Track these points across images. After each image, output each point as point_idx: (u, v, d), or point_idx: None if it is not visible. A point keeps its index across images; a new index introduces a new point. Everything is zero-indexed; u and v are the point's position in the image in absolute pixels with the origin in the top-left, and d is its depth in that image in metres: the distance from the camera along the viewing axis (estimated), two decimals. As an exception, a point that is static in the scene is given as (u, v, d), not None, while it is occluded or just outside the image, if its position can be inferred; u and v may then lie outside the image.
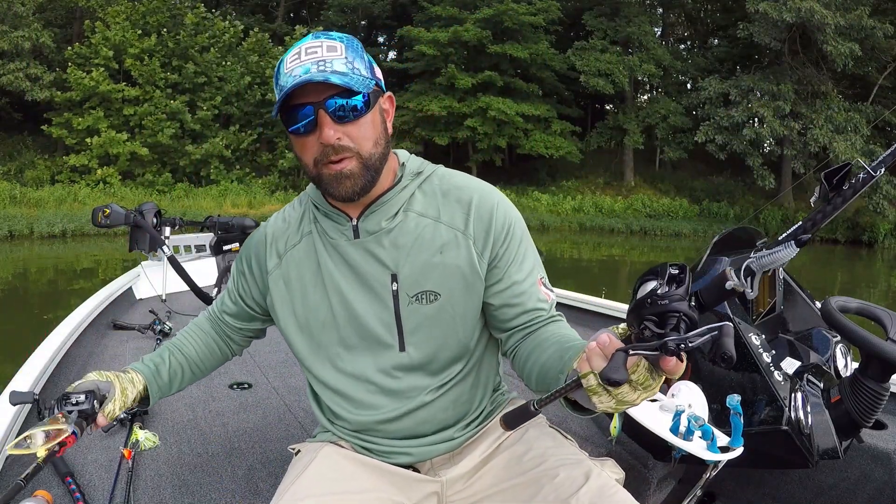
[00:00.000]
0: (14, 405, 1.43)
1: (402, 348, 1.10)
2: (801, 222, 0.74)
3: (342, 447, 1.17)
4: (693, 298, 0.79)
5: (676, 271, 0.84)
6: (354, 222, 1.10)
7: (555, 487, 1.02)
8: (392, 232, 1.09)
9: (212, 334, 1.34)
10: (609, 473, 1.10)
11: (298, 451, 1.21)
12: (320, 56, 0.98)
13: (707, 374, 1.61)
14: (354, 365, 1.13)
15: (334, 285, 1.11)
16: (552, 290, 1.16)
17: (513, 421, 0.82)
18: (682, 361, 0.74)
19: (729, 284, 0.73)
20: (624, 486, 1.06)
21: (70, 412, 1.00)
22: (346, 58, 0.99)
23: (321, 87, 0.96)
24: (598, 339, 0.79)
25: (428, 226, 1.09)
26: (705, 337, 0.71)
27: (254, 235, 1.25)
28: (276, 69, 1.03)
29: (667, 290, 0.81)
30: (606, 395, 0.77)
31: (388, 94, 1.10)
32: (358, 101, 0.98)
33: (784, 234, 0.76)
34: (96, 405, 1.04)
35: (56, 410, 1.00)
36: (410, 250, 1.08)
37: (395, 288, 1.08)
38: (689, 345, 0.71)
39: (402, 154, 1.15)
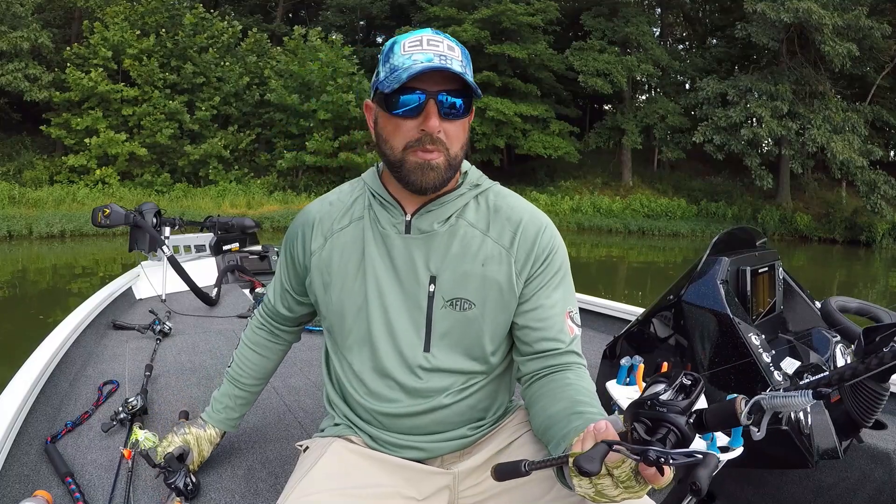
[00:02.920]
0: None
1: (426, 349, 1.11)
2: (827, 373, 0.71)
3: (351, 441, 1.17)
4: (695, 416, 0.77)
5: (689, 382, 0.81)
6: (408, 217, 1.12)
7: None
8: (442, 235, 1.11)
9: (264, 345, 1.42)
10: None
11: (307, 447, 1.22)
12: (442, 51, 1.00)
13: (707, 374, 1.61)
14: (378, 357, 1.13)
15: (374, 274, 1.12)
16: (579, 327, 1.17)
17: (504, 475, 0.82)
18: (661, 474, 0.74)
19: (742, 421, 0.72)
20: None
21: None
22: (461, 61, 1.02)
23: (437, 78, 1.00)
24: (596, 425, 0.81)
25: (476, 237, 1.12)
26: (688, 460, 0.70)
27: (298, 218, 1.26)
28: (386, 48, 1.05)
29: (671, 397, 0.79)
30: (586, 481, 0.78)
31: (474, 107, 1.13)
32: (463, 102, 1.03)
33: (806, 381, 0.73)
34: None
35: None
36: (455, 257, 1.10)
37: (431, 290, 1.10)
38: (671, 461, 0.70)
39: (465, 164, 1.17)
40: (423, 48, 1.00)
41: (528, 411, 1.13)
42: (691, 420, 0.75)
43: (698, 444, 1.37)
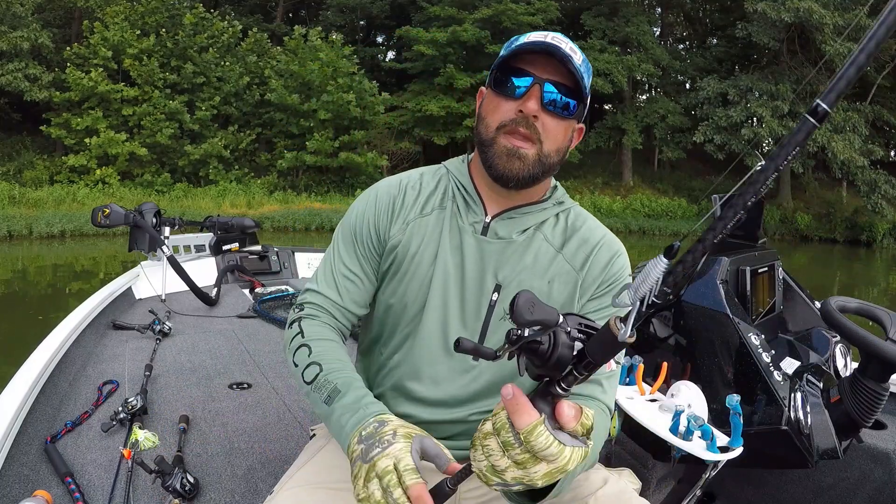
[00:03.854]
0: None
1: (475, 358, 1.03)
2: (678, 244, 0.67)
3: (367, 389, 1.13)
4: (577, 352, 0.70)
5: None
6: (488, 219, 1.08)
7: (573, 487, 1.02)
8: (517, 245, 1.08)
9: (341, 340, 1.11)
10: (627, 481, 1.11)
11: (314, 434, 1.21)
12: (563, 48, 0.98)
13: (707, 374, 1.61)
14: (421, 356, 1.08)
15: (444, 270, 1.07)
16: (619, 364, 1.11)
17: (468, 349, 0.73)
18: (527, 413, 0.67)
19: (621, 337, 0.65)
20: None
21: None
22: (580, 63, 1.00)
23: (550, 70, 0.98)
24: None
25: (549, 253, 1.09)
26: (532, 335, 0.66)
27: (370, 198, 1.14)
28: (508, 43, 1.05)
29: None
30: (479, 451, 0.72)
31: (581, 126, 1.10)
32: (569, 102, 1.00)
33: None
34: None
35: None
36: (524, 269, 1.07)
37: (494, 298, 1.06)
38: (522, 339, 0.66)
39: (553, 180, 1.16)
40: (545, 39, 0.99)
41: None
42: (575, 345, 0.67)
43: (698, 444, 1.37)
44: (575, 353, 0.67)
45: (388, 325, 1.12)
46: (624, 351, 1.04)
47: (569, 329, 0.68)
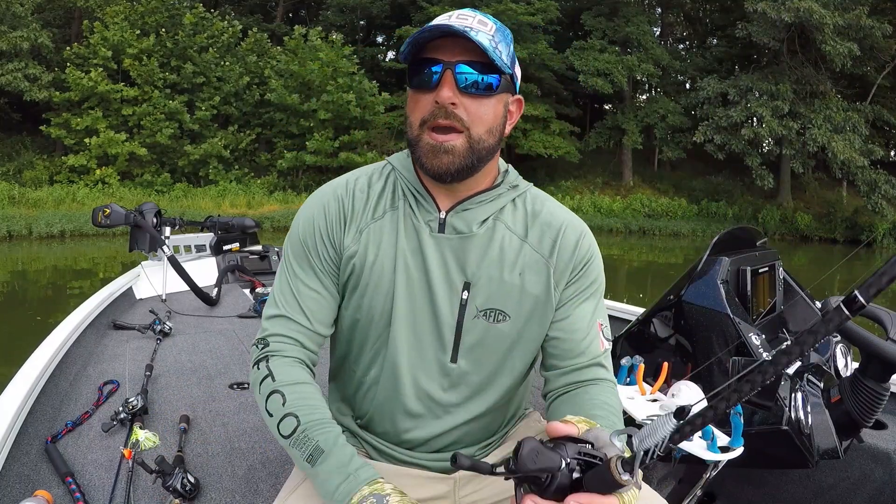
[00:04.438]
0: None
1: (453, 360, 1.02)
2: (686, 404, 0.70)
3: (360, 440, 1.11)
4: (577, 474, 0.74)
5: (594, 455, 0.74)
6: (443, 215, 1.02)
7: None
8: (478, 238, 1.02)
9: (309, 373, 1.04)
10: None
11: None
12: (469, 24, 0.92)
13: (707, 374, 1.61)
14: (397, 370, 1.02)
15: (406, 274, 1.01)
16: (609, 341, 1.09)
17: (465, 465, 0.72)
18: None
19: (620, 481, 0.68)
20: None
21: None
22: (492, 36, 0.93)
23: (458, 51, 0.92)
24: (555, 422, 0.78)
25: (514, 243, 1.03)
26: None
27: (317, 206, 1.05)
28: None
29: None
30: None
31: (519, 96, 1.04)
32: (488, 79, 0.93)
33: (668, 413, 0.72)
34: None
35: None
36: (491, 263, 1.01)
37: (464, 297, 1.01)
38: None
39: (503, 163, 1.09)
40: (449, 20, 0.93)
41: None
42: (573, 475, 0.71)
43: (699, 444, 1.37)
44: (573, 480, 0.71)
45: (356, 340, 1.06)
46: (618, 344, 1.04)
47: (568, 460, 0.72)
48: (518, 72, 1.01)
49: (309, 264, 1.04)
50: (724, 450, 1.38)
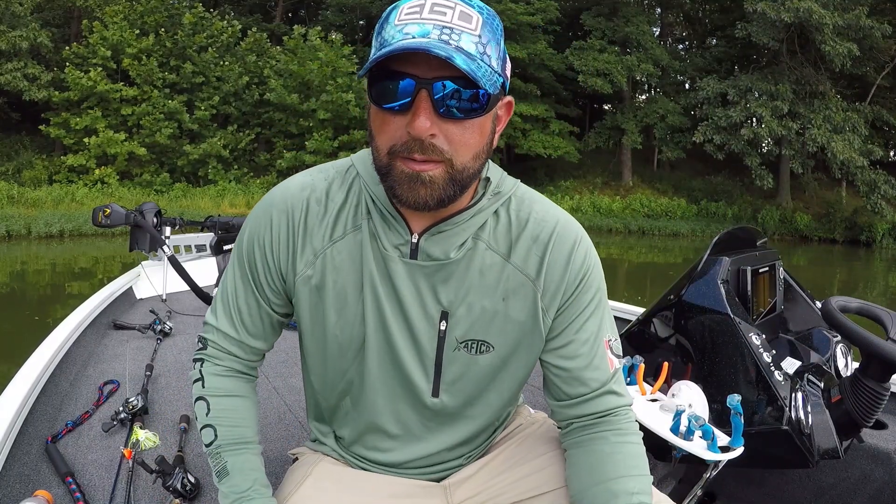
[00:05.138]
0: None
1: (434, 394, 0.94)
2: None
3: (343, 457, 1.07)
4: None
5: None
6: (415, 239, 0.88)
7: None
8: (456, 263, 0.89)
9: (243, 386, 1.04)
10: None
11: (296, 458, 1.12)
12: (448, 20, 0.73)
13: (707, 374, 1.61)
14: (373, 399, 0.96)
15: (375, 303, 0.90)
16: (619, 358, 0.98)
17: None
18: None
19: None
20: None
21: None
22: (479, 36, 0.74)
23: (435, 62, 0.72)
24: None
25: (496, 264, 0.91)
26: None
27: (265, 217, 0.93)
28: (384, 15, 0.77)
29: None
30: None
31: (509, 98, 0.87)
32: (475, 97, 0.75)
33: None
34: None
35: None
36: (471, 290, 0.90)
37: (443, 327, 0.90)
38: None
39: (486, 169, 0.92)
40: (422, 17, 0.73)
41: (565, 459, 0.99)
42: None
43: (699, 444, 1.37)
44: None
45: (328, 371, 0.98)
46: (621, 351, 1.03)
47: None
48: (508, 70, 0.85)
49: (251, 279, 0.96)
50: (725, 450, 1.38)
